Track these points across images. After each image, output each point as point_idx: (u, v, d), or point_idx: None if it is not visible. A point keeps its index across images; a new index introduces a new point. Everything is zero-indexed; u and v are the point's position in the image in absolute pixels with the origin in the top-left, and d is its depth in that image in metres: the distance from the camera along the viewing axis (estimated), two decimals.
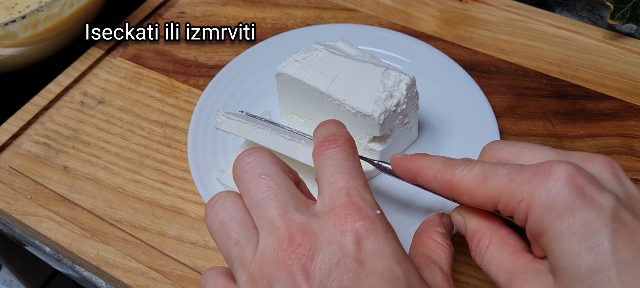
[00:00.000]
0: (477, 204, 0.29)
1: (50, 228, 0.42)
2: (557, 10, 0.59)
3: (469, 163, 0.29)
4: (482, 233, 0.30)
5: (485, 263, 0.29)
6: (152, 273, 0.39)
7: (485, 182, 0.28)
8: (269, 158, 0.28)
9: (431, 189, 0.31)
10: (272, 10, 0.57)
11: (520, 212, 0.27)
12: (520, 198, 0.26)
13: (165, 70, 0.52)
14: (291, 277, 0.24)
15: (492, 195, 0.28)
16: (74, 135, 0.47)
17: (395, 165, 0.34)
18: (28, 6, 0.54)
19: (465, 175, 0.29)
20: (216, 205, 0.28)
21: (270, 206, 0.26)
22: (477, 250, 0.30)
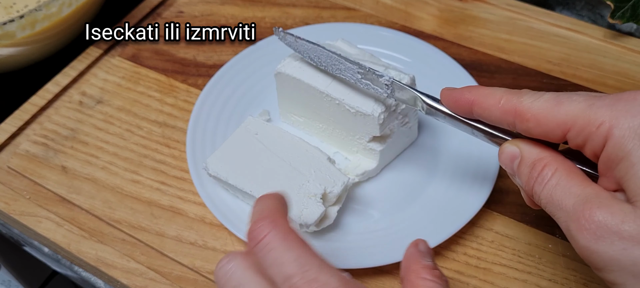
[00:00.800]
0: (543, 131, 0.28)
1: (49, 228, 0.41)
2: (557, 9, 0.59)
3: (537, 92, 0.28)
4: (547, 161, 0.28)
5: (548, 189, 0.28)
6: (151, 274, 0.39)
7: (558, 107, 0.27)
8: (242, 266, 0.27)
9: (489, 118, 0.30)
10: (271, 9, 0.57)
11: (597, 137, 0.26)
12: (601, 121, 0.26)
13: (164, 69, 0.52)
14: None
15: (565, 121, 0.27)
16: (72, 135, 0.47)
17: (448, 96, 0.32)
18: (26, 6, 0.54)
19: (534, 101, 0.28)
20: None
21: None
22: (538, 178, 0.28)
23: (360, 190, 0.42)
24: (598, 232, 0.25)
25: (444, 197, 0.40)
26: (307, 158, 0.39)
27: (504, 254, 0.39)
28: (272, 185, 0.38)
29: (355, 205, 0.41)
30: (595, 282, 0.37)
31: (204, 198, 0.40)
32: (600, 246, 0.25)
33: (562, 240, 0.39)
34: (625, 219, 0.24)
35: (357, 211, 0.40)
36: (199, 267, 0.39)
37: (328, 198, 0.38)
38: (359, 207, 0.41)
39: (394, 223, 0.39)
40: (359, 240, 0.38)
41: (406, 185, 0.42)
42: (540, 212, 0.41)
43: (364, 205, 0.41)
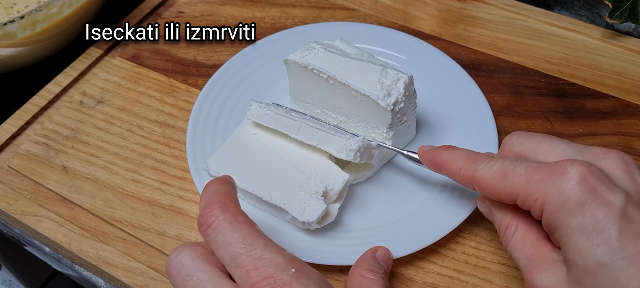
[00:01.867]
0: (497, 198, 0.32)
1: (50, 228, 0.42)
2: (556, 9, 0.59)
3: (491, 159, 0.32)
4: (509, 221, 0.32)
5: (510, 248, 0.32)
6: (152, 273, 0.39)
7: (504, 180, 0.30)
8: (190, 256, 0.29)
9: (455, 181, 0.34)
10: (271, 9, 0.57)
11: (536, 209, 0.29)
12: (536, 197, 0.29)
13: (164, 69, 0.52)
14: None
15: (511, 192, 0.30)
16: (73, 135, 0.47)
17: (423, 157, 0.37)
18: (27, 6, 0.54)
19: (486, 173, 0.31)
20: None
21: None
22: (504, 237, 0.32)
23: (360, 188, 0.42)
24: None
25: (443, 194, 0.40)
26: (307, 156, 0.39)
27: (502, 253, 0.39)
28: (273, 184, 0.38)
29: (355, 203, 0.41)
30: None
31: None
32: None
33: None
34: (558, 284, 0.28)
35: (357, 208, 0.41)
36: None
37: (329, 195, 0.38)
38: (360, 205, 0.41)
39: (395, 220, 0.40)
40: (361, 237, 0.39)
41: (406, 182, 0.42)
42: None
43: (364, 202, 0.41)
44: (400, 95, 0.38)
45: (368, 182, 0.42)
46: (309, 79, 0.41)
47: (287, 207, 0.37)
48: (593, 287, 0.26)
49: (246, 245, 0.27)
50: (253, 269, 0.27)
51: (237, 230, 0.28)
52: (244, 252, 0.27)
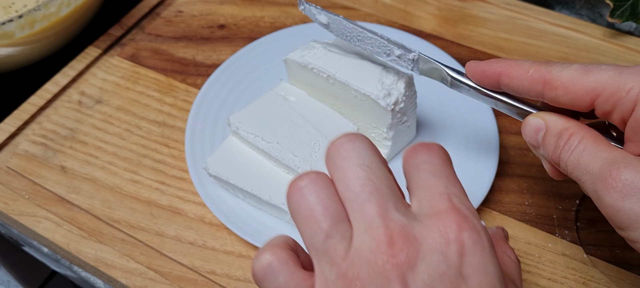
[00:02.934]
0: (571, 99, 0.29)
1: (48, 228, 0.41)
2: (557, 8, 0.59)
3: (564, 63, 0.30)
4: (574, 130, 0.29)
5: (575, 155, 0.29)
6: (151, 274, 0.39)
7: (586, 75, 0.28)
8: (370, 149, 0.25)
9: (516, 88, 0.31)
10: (270, 8, 0.57)
11: (627, 102, 0.27)
12: (630, 87, 0.27)
13: (163, 69, 0.52)
14: (388, 284, 0.22)
15: (594, 88, 0.28)
16: (71, 135, 0.47)
17: (475, 68, 0.33)
18: (25, 5, 0.54)
19: (563, 70, 0.29)
20: (306, 187, 0.24)
21: (371, 201, 0.23)
22: (565, 146, 0.29)
23: None
24: (624, 190, 0.26)
25: None
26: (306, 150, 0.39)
27: None
28: (273, 184, 0.38)
29: None
30: (595, 280, 0.37)
31: (204, 198, 0.40)
32: (626, 203, 0.26)
33: (562, 239, 0.39)
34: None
35: None
36: (198, 266, 0.39)
37: None
38: None
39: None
40: None
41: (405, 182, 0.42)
42: (540, 210, 0.41)
43: None
44: (400, 95, 0.38)
45: None
46: (309, 78, 0.41)
47: (287, 207, 0.37)
48: None
49: (450, 182, 0.25)
50: (446, 197, 0.24)
51: (446, 167, 0.26)
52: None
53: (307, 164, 0.37)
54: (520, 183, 0.42)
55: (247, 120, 0.40)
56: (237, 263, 0.39)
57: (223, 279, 0.38)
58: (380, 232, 0.22)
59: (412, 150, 0.27)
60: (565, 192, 0.41)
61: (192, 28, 0.55)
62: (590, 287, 0.37)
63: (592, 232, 0.39)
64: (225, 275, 0.38)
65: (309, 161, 0.37)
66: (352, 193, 0.24)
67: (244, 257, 0.39)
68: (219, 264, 0.39)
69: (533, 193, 0.42)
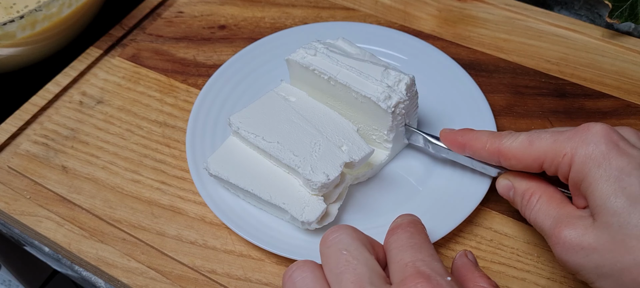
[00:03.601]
0: (523, 166, 0.34)
1: (49, 228, 0.42)
2: (556, 8, 0.59)
3: (514, 133, 0.35)
4: (533, 190, 0.35)
5: (534, 213, 0.34)
6: (152, 273, 0.39)
7: (531, 146, 0.33)
8: (352, 236, 0.30)
9: (480, 158, 0.37)
10: (270, 9, 0.57)
11: (564, 165, 0.32)
12: (564, 152, 0.32)
13: (164, 69, 0.52)
14: None
15: (538, 156, 0.33)
16: (72, 135, 0.47)
17: (445, 138, 0.39)
18: (26, 6, 0.54)
19: (512, 143, 0.34)
20: (294, 274, 0.29)
21: (347, 279, 0.27)
22: (527, 205, 0.35)
23: (360, 188, 0.42)
24: (566, 245, 0.31)
25: (443, 194, 0.40)
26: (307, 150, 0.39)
27: (502, 253, 0.39)
28: (273, 184, 0.38)
29: (355, 203, 0.41)
30: None
31: (205, 197, 0.40)
32: (569, 256, 0.31)
33: None
34: (586, 232, 0.30)
35: (357, 208, 0.41)
36: (199, 266, 0.39)
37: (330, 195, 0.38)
38: (360, 205, 0.41)
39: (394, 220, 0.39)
40: None
41: (405, 182, 0.42)
42: None
43: (364, 202, 0.41)
44: (401, 97, 0.38)
45: (368, 182, 0.42)
46: (310, 79, 0.41)
47: (287, 207, 0.37)
48: (621, 227, 0.29)
49: (415, 250, 0.29)
50: (412, 264, 0.28)
51: (413, 238, 0.30)
52: (411, 254, 0.29)
53: (307, 164, 0.37)
54: None
55: (248, 120, 0.40)
56: (237, 263, 0.39)
57: (223, 278, 0.38)
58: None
59: (387, 236, 0.31)
60: None
61: (193, 28, 0.56)
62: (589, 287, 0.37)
63: None
64: (225, 275, 0.38)
65: (309, 161, 0.37)
66: (334, 275, 0.28)
67: (244, 256, 0.39)
68: (220, 264, 0.39)
69: None
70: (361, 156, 0.38)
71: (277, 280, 0.38)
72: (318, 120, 0.40)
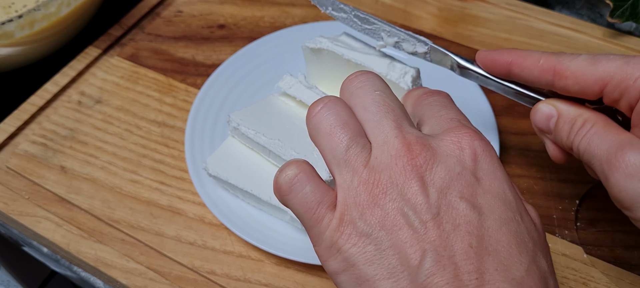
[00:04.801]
0: (580, 88, 0.31)
1: (48, 228, 0.41)
2: (557, 8, 0.59)
3: (573, 54, 0.31)
4: (587, 117, 0.31)
5: (586, 139, 0.30)
6: (151, 274, 0.39)
7: (595, 65, 0.30)
8: (382, 81, 0.28)
9: (527, 77, 0.33)
10: (270, 8, 0.57)
11: (634, 90, 0.29)
12: (637, 76, 0.29)
13: (163, 69, 0.52)
14: (408, 183, 0.24)
15: (602, 77, 0.30)
16: (71, 135, 0.47)
17: (486, 57, 0.34)
18: (25, 5, 0.54)
19: (572, 60, 0.31)
20: (324, 108, 0.27)
21: (387, 118, 0.26)
22: (579, 131, 0.31)
23: None
24: (628, 171, 0.28)
25: None
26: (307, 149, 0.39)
27: None
28: None
29: None
30: (595, 281, 0.37)
31: (204, 198, 0.40)
32: (629, 183, 0.27)
33: (562, 239, 0.39)
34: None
35: None
36: (198, 266, 0.39)
37: None
38: None
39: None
40: None
41: None
42: (540, 210, 0.41)
43: None
44: (407, 89, 0.38)
45: None
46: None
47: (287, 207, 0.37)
48: None
49: (459, 114, 0.28)
50: (456, 120, 0.27)
51: (454, 103, 0.29)
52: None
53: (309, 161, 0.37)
54: (520, 183, 0.42)
55: (248, 118, 0.40)
56: (236, 263, 0.39)
57: (223, 279, 0.38)
58: (398, 141, 0.25)
59: (419, 94, 0.30)
60: (565, 192, 0.41)
61: (192, 28, 0.55)
62: (590, 287, 0.37)
63: (592, 232, 0.39)
64: (225, 275, 0.38)
65: (310, 159, 0.37)
66: (370, 113, 0.26)
67: (243, 257, 0.39)
68: (219, 264, 0.39)
69: (533, 193, 0.42)
70: None
71: (276, 280, 0.38)
72: None
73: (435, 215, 0.23)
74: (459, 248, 0.23)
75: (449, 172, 0.24)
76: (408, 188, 0.24)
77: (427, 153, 0.24)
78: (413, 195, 0.24)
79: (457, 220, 0.23)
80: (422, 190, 0.24)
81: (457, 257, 0.23)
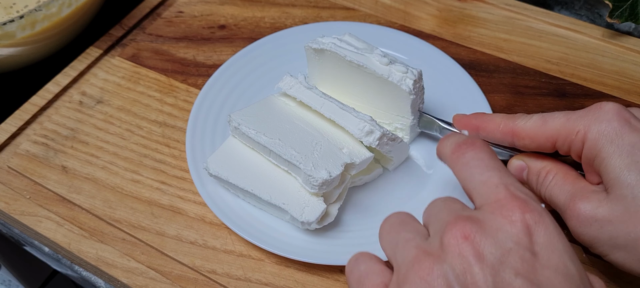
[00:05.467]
0: (536, 146, 0.35)
1: (49, 228, 0.41)
2: (556, 8, 0.59)
3: (526, 115, 0.35)
4: (548, 168, 0.35)
5: (549, 190, 0.35)
6: (152, 273, 0.39)
7: (544, 125, 0.34)
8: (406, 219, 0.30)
9: (493, 139, 0.36)
10: (270, 9, 0.57)
11: (577, 143, 0.33)
12: (577, 130, 0.32)
13: (164, 69, 0.52)
14: (464, 260, 0.24)
15: (552, 134, 0.33)
16: (72, 135, 0.47)
17: (459, 122, 0.39)
18: (26, 6, 0.54)
19: (526, 123, 0.35)
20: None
21: (441, 208, 0.27)
22: (542, 182, 0.35)
23: (360, 189, 0.42)
24: (580, 218, 0.32)
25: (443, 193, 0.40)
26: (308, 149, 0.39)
27: None
28: (273, 184, 0.38)
29: (355, 203, 0.41)
30: None
31: (205, 197, 0.40)
32: (584, 229, 0.32)
33: None
34: (600, 205, 0.31)
35: (357, 208, 0.41)
36: (199, 266, 0.39)
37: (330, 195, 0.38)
38: (360, 205, 0.41)
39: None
40: (361, 237, 0.38)
41: (406, 183, 0.42)
42: None
43: (364, 202, 0.41)
44: (409, 92, 0.38)
45: (368, 184, 0.42)
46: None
47: (287, 207, 0.37)
48: (634, 198, 0.30)
49: (504, 176, 0.27)
50: (503, 186, 0.26)
51: (495, 160, 0.28)
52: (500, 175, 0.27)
53: (309, 161, 0.37)
54: None
55: (249, 118, 0.40)
56: (237, 263, 0.39)
57: (223, 279, 0.38)
58: (450, 221, 0.25)
59: (455, 150, 0.30)
60: None
61: (193, 28, 0.56)
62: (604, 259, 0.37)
63: None
64: (225, 275, 0.38)
65: (311, 159, 0.37)
66: (427, 216, 0.28)
67: (244, 256, 0.39)
68: (220, 264, 0.39)
69: None
70: (361, 159, 0.38)
71: (277, 280, 0.38)
72: (318, 124, 0.40)
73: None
74: None
75: (501, 247, 0.24)
76: (464, 266, 0.24)
77: (477, 229, 0.24)
78: (469, 274, 0.23)
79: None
80: (478, 266, 0.23)
81: None
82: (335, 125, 0.40)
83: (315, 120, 0.40)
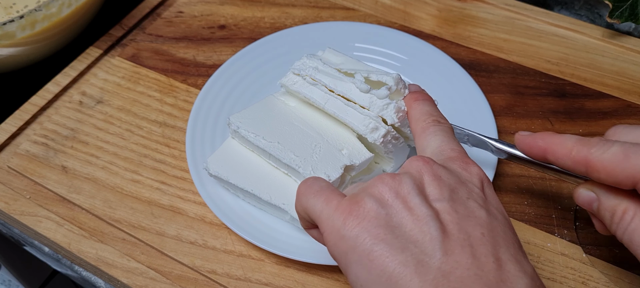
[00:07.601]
0: (613, 182, 0.30)
1: (49, 228, 0.41)
2: (556, 8, 0.59)
3: (606, 142, 0.30)
4: (626, 207, 0.30)
5: (629, 233, 0.30)
6: (151, 273, 0.39)
7: (626, 160, 0.29)
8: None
9: (562, 166, 0.32)
10: (270, 9, 0.57)
11: None
12: None
13: (164, 69, 0.52)
14: (420, 172, 0.28)
15: (634, 174, 0.29)
16: (72, 135, 0.47)
17: (522, 142, 0.34)
18: (26, 6, 0.54)
19: (603, 154, 0.30)
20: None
21: None
22: (620, 223, 0.31)
23: None
24: None
25: None
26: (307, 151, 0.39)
27: None
28: (274, 184, 0.38)
29: None
30: (594, 280, 0.37)
31: (204, 197, 0.40)
32: None
33: (561, 239, 0.39)
34: None
35: None
36: (199, 266, 0.39)
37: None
38: None
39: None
40: None
41: None
42: (539, 210, 0.41)
43: None
44: (393, 121, 0.37)
45: None
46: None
47: (287, 207, 0.37)
48: None
49: (460, 147, 0.31)
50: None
51: (454, 136, 0.33)
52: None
53: (308, 164, 0.37)
54: (520, 182, 0.42)
55: (248, 120, 0.40)
56: (237, 263, 0.39)
57: (223, 278, 0.38)
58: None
59: (426, 123, 0.34)
60: (565, 192, 0.42)
61: (193, 28, 0.56)
62: (589, 286, 0.37)
63: (591, 231, 0.39)
64: (225, 275, 0.38)
65: (310, 162, 0.37)
66: None
67: (244, 256, 0.39)
68: (220, 264, 0.39)
69: (532, 193, 0.42)
70: (361, 160, 0.38)
71: (276, 280, 0.38)
72: (318, 125, 0.40)
73: (449, 201, 0.26)
74: (473, 234, 0.25)
75: (455, 178, 0.28)
76: (424, 181, 0.28)
77: (438, 166, 0.28)
78: (427, 184, 0.27)
79: (468, 211, 0.26)
80: (436, 183, 0.27)
81: (472, 240, 0.25)
82: (336, 123, 0.40)
83: (315, 120, 0.40)
